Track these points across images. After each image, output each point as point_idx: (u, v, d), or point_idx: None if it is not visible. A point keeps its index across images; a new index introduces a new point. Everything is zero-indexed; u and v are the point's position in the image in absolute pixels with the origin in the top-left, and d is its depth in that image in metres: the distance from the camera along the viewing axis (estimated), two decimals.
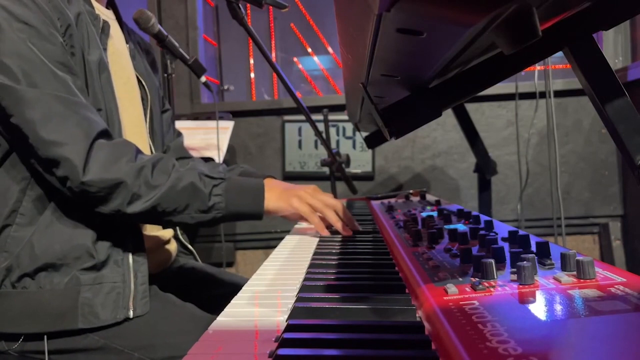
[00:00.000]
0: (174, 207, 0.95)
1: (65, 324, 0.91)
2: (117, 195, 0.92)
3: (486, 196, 1.76)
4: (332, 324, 0.49)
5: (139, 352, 0.92)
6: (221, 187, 0.99)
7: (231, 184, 1.00)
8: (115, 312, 0.93)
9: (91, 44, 0.99)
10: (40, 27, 0.90)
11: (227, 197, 0.98)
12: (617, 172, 2.38)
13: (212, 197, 0.97)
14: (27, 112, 0.87)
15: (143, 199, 0.93)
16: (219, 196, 0.98)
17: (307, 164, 2.51)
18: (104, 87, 1.00)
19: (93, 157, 0.90)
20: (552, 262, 0.54)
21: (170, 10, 2.60)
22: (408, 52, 0.47)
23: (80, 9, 0.99)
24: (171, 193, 0.94)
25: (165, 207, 0.95)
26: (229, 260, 2.50)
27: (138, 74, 1.18)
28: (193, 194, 0.96)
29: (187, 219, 0.97)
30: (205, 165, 1.03)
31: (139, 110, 1.17)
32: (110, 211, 0.93)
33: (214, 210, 0.98)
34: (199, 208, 0.97)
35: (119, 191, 0.91)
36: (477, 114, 2.41)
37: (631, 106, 0.59)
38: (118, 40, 1.14)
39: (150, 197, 0.93)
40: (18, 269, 0.91)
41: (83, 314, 0.91)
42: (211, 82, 2.08)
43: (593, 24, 0.60)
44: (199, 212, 0.97)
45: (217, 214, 0.98)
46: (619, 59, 2.37)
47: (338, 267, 0.74)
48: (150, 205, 0.93)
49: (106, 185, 0.90)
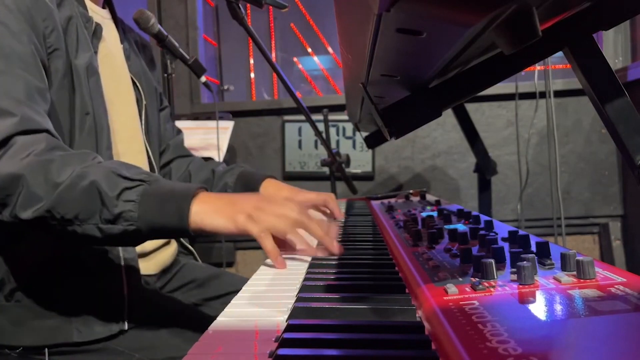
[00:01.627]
0: (74, 214, 0.75)
1: (60, 338, 0.90)
2: (13, 195, 0.75)
3: (486, 196, 1.76)
4: (332, 324, 0.49)
5: (140, 353, 0.92)
6: (136, 191, 0.76)
7: (154, 189, 0.77)
8: (109, 324, 0.92)
9: (81, 48, 0.97)
10: (14, 28, 0.86)
11: (143, 205, 0.75)
12: (617, 172, 2.38)
13: (120, 203, 0.75)
14: None
15: (38, 201, 0.75)
16: (131, 203, 0.75)
17: (307, 164, 2.51)
18: (93, 91, 0.98)
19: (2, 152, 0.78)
20: (552, 262, 0.54)
21: (170, 10, 2.61)
22: (408, 52, 0.47)
23: (72, 12, 0.98)
24: (69, 194, 0.75)
25: (62, 212, 0.75)
26: (229, 260, 2.50)
27: (132, 75, 1.17)
28: (95, 196, 0.75)
29: (93, 230, 0.76)
30: (125, 164, 0.82)
31: (134, 112, 1.16)
32: (9, 217, 0.76)
33: (122, 220, 0.75)
34: (104, 217, 0.75)
35: (15, 189, 0.75)
36: (477, 114, 2.41)
37: (631, 106, 0.60)
38: (112, 42, 1.13)
39: (45, 199, 0.75)
40: (9, 283, 0.90)
41: (77, 327, 0.90)
42: (211, 82, 2.08)
43: (593, 24, 0.60)
44: (106, 222, 0.76)
45: (128, 225, 0.75)
46: (619, 59, 2.37)
47: (338, 267, 0.74)
48: (44, 209, 0.74)
49: (1, 180, 0.75)
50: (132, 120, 1.15)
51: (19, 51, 0.86)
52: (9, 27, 0.86)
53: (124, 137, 1.09)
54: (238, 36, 2.88)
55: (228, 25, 2.87)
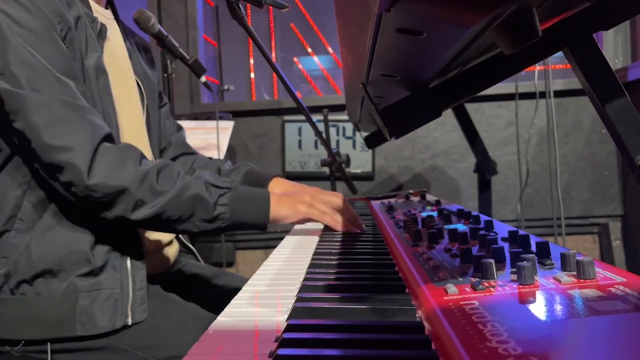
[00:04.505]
0: (179, 215, 0.95)
1: (63, 331, 0.91)
2: (121, 202, 0.91)
3: (486, 196, 1.76)
4: (332, 324, 0.49)
5: (142, 351, 0.92)
6: (227, 196, 0.98)
7: (237, 194, 0.99)
8: (113, 319, 0.93)
9: (89, 48, 0.99)
10: (42, 32, 0.90)
11: (233, 207, 0.98)
12: (617, 172, 2.38)
13: (217, 207, 0.96)
14: (31, 117, 0.87)
15: (148, 205, 0.92)
16: (225, 206, 0.97)
17: (307, 164, 2.51)
18: (102, 91, 1.00)
19: (97, 161, 0.89)
20: (552, 262, 0.54)
21: (170, 10, 2.61)
22: (408, 52, 0.47)
23: (79, 12, 0.99)
24: (176, 201, 0.94)
25: (170, 214, 0.94)
26: (229, 260, 2.50)
27: (135, 74, 1.18)
28: (198, 203, 0.95)
29: (192, 227, 0.97)
30: (211, 174, 1.03)
31: (138, 110, 1.17)
32: (115, 217, 0.92)
33: (218, 220, 0.97)
34: (203, 217, 0.96)
35: (123, 197, 0.91)
36: (477, 114, 2.41)
37: (631, 106, 0.59)
38: (116, 41, 1.13)
39: (155, 204, 0.92)
40: (16, 276, 0.91)
41: (81, 321, 0.91)
42: (211, 82, 2.08)
43: (593, 24, 0.60)
44: (203, 222, 0.96)
45: (221, 224, 0.97)
46: (619, 59, 2.37)
47: (338, 267, 0.74)
48: (154, 212, 0.93)
49: (110, 192, 0.90)
50: (137, 119, 1.16)
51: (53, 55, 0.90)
52: (41, 36, 0.90)
53: (130, 135, 1.10)
54: (238, 36, 2.89)
55: (228, 25, 2.87)
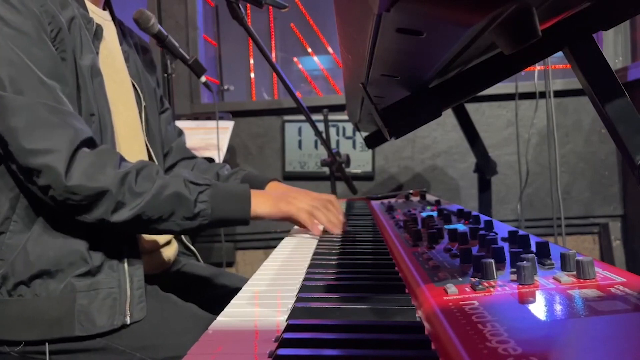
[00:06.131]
0: (160, 215, 0.94)
1: (62, 331, 0.90)
2: (101, 204, 0.90)
3: (486, 196, 1.76)
4: (332, 324, 0.49)
5: (141, 352, 0.92)
6: (207, 193, 0.98)
7: (217, 190, 0.99)
8: (112, 318, 0.93)
9: (84, 49, 0.98)
10: (31, 34, 0.89)
11: (213, 203, 0.97)
12: (617, 172, 2.38)
13: (197, 204, 0.96)
14: (11, 120, 0.86)
15: (127, 207, 0.91)
16: (205, 203, 0.97)
17: (307, 164, 2.51)
18: (97, 92, 0.99)
19: (76, 165, 0.88)
20: (552, 262, 0.54)
21: (170, 10, 2.60)
22: (408, 52, 0.47)
23: (74, 13, 0.98)
24: (156, 201, 0.93)
25: (150, 214, 0.93)
26: (229, 260, 2.50)
27: (131, 76, 1.17)
28: (178, 201, 0.94)
29: (173, 226, 0.96)
30: (190, 172, 1.03)
31: (135, 113, 1.16)
32: (94, 220, 0.91)
33: (199, 217, 0.97)
34: (184, 215, 0.96)
35: (104, 200, 0.90)
36: (477, 114, 2.41)
37: (631, 106, 0.59)
38: (112, 43, 1.13)
39: (134, 205, 0.92)
40: (13, 277, 0.91)
41: (79, 320, 0.91)
42: (211, 82, 2.08)
43: (593, 24, 0.60)
44: (185, 220, 0.96)
45: (203, 220, 0.97)
46: (619, 59, 2.37)
47: (338, 267, 0.74)
48: (134, 213, 0.92)
49: (90, 194, 0.89)
50: (133, 121, 1.16)
51: (41, 57, 0.90)
52: (30, 37, 0.89)
53: (126, 137, 1.10)
54: (238, 36, 2.88)
55: (228, 25, 2.87)
